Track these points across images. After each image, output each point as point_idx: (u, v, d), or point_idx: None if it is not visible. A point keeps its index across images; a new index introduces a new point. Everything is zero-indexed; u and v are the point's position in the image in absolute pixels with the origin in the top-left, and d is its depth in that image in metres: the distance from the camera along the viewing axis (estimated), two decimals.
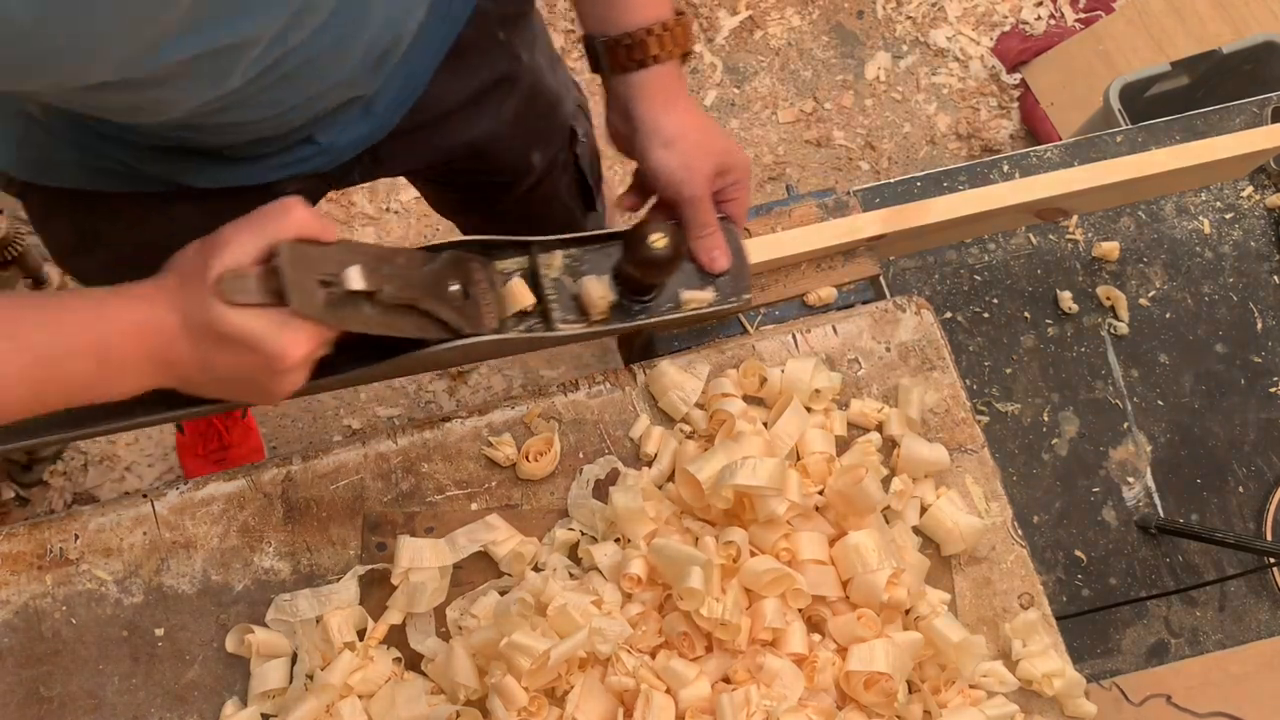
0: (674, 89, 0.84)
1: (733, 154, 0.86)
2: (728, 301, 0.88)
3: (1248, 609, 1.17)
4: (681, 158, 0.84)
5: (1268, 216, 1.29)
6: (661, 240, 0.80)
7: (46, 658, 0.81)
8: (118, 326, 0.65)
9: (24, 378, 0.62)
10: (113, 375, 0.66)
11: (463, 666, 0.79)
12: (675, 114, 0.84)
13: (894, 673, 0.79)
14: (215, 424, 1.76)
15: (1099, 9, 2.22)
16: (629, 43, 0.82)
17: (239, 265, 0.65)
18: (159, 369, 0.67)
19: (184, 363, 0.67)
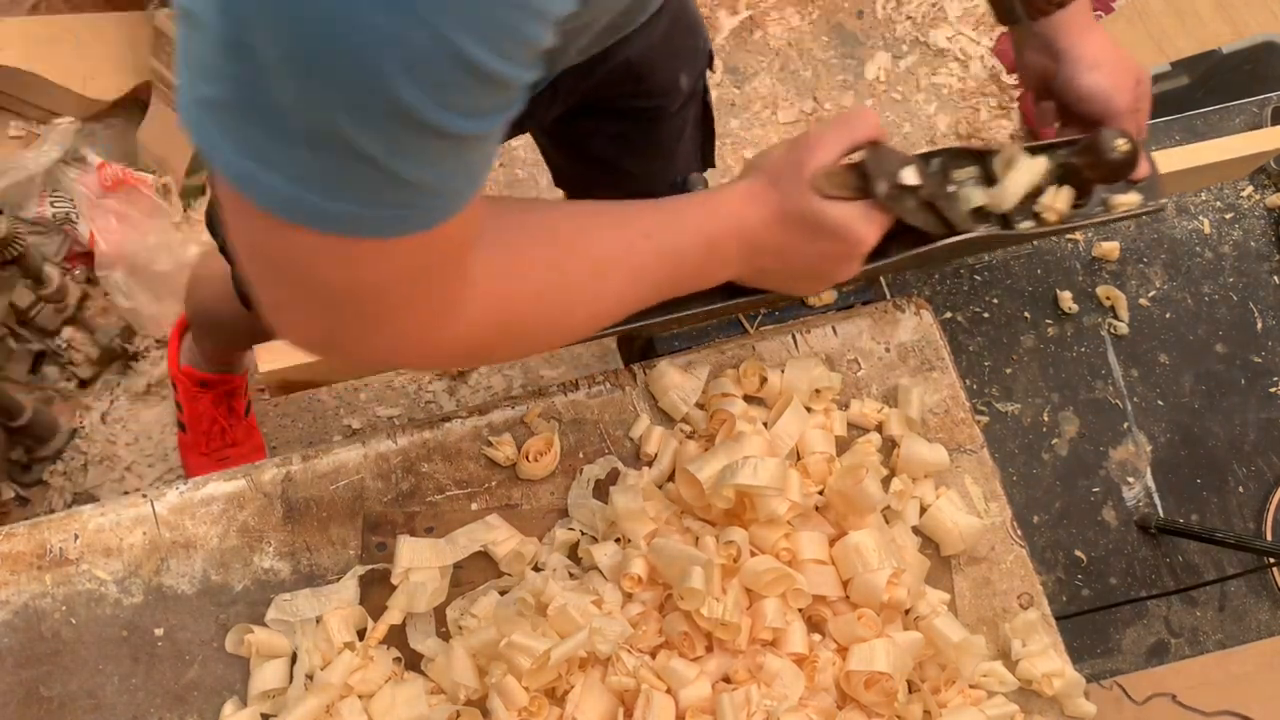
0: (1087, 19, 0.92)
1: (1143, 68, 0.93)
2: (1149, 205, 0.92)
3: (1248, 609, 1.17)
4: (1110, 77, 0.90)
5: (1268, 216, 1.28)
6: (1126, 144, 0.84)
7: (46, 658, 0.81)
8: (724, 221, 0.75)
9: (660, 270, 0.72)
10: (715, 264, 0.76)
11: (463, 666, 0.79)
12: (1094, 41, 0.91)
13: (894, 672, 0.79)
14: (219, 422, 1.77)
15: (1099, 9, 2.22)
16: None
17: (828, 163, 0.75)
18: (747, 258, 0.77)
19: (769, 251, 0.77)
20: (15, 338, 1.78)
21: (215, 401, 1.75)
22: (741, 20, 2.22)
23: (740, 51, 2.21)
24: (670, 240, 0.73)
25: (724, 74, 2.19)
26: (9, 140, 1.82)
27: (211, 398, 1.75)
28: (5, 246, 1.60)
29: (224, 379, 1.74)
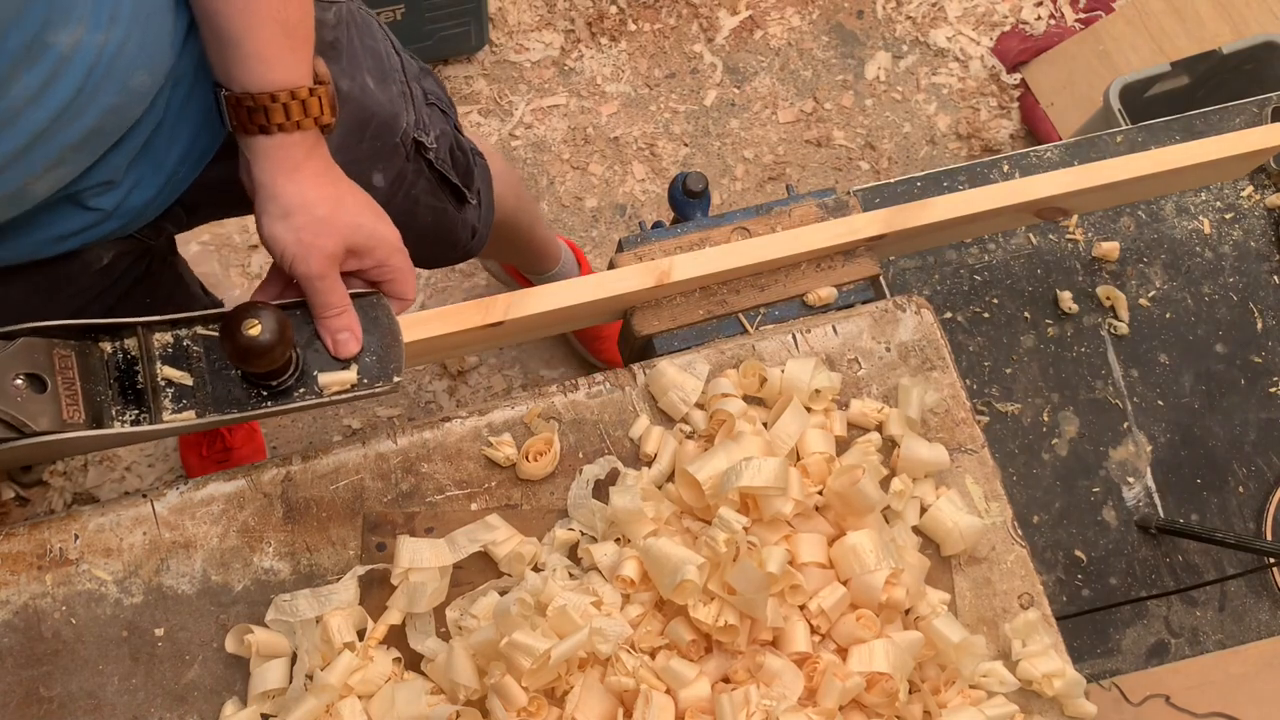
0: (301, 158, 0.77)
1: (372, 234, 0.80)
2: (373, 385, 0.81)
3: (1248, 609, 1.17)
4: (295, 233, 0.77)
5: (1268, 216, 1.28)
6: (255, 327, 0.71)
7: (46, 658, 0.81)
8: None
9: None
10: None
11: (463, 666, 0.79)
12: (298, 184, 0.77)
13: (895, 672, 0.79)
14: None
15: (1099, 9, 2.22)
16: (250, 104, 0.75)
17: None
18: None
19: None
20: None
21: None
22: (741, 20, 2.22)
23: (740, 51, 2.21)
24: None
25: (724, 74, 2.19)
26: None
27: None
28: None
29: None
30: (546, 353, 1.99)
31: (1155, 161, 1.03)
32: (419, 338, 0.88)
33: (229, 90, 0.76)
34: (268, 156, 0.76)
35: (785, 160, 2.15)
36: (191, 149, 0.85)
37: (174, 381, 0.77)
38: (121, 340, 0.77)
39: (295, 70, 0.75)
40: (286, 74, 0.75)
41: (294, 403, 0.79)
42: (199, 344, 0.78)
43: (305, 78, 0.76)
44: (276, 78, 0.75)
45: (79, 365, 0.73)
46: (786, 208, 1.02)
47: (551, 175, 2.13)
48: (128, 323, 0.76)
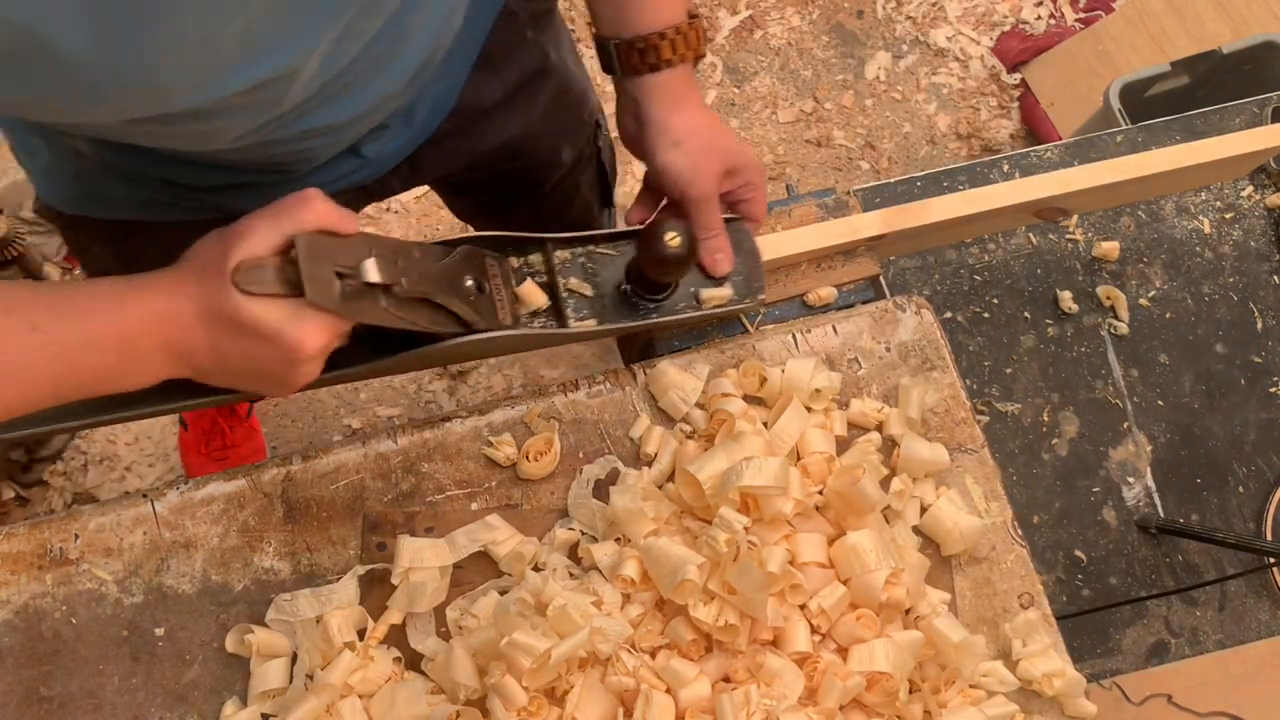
0: (685, 91, 0.85)
1: (743, 155, 0.87)
2: (742, 301, 0.89)
3: (1248, 609, 1.17)
4: (689, 158, 0.84)
5: (1268, 216, 1.29)
6: (676, 239, 0.79)
7: (46, 658, 0.81)
8: (136, 317, 0.64)
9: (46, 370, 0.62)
10: (131, 367, 0.65)
11: (463, 666, 0.79)
12: (685, 114, 0.84)
13: (895, 672, 0.79)
14: (219, 423, 1.77)
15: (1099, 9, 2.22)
16: (642, 46, 0.83)
17: (257, 255, 0.65)
18: (175, 359, 0.66)
19: (199, 352, 0.66)
20: None
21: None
22: (741, 20, 2.22)
23: (740, 51, 2.21)
24: (66, 336, 0.62)
25: (724, 74, 2.19)
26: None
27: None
28: (5, 246, 1.61)
29: None
30: (547, 352, 1.99)
31: (1155, 161, 1.03)
32: None
33: (619, 39, 0.83)
34: (656, 93, 0.84)
35: (785, 160, 2.15)
36: (437, 101, 0.90)
37: (575, 292, 0.85)
38: (526, 255, 0.84)
39: (677, 8, 0.83)
40: (671, 13, 0.83)
41: (677, 315, 0.86)
42: (594, 261, 0.86)
43: (683, 14, 0.84)
44: (663, 17, 0.83)
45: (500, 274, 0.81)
46: (786, 208, 1.02)
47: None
48: (539, 238, 0.84)
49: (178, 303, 0.65)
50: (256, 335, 0.65)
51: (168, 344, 0.66)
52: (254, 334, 0.65)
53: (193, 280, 0.66)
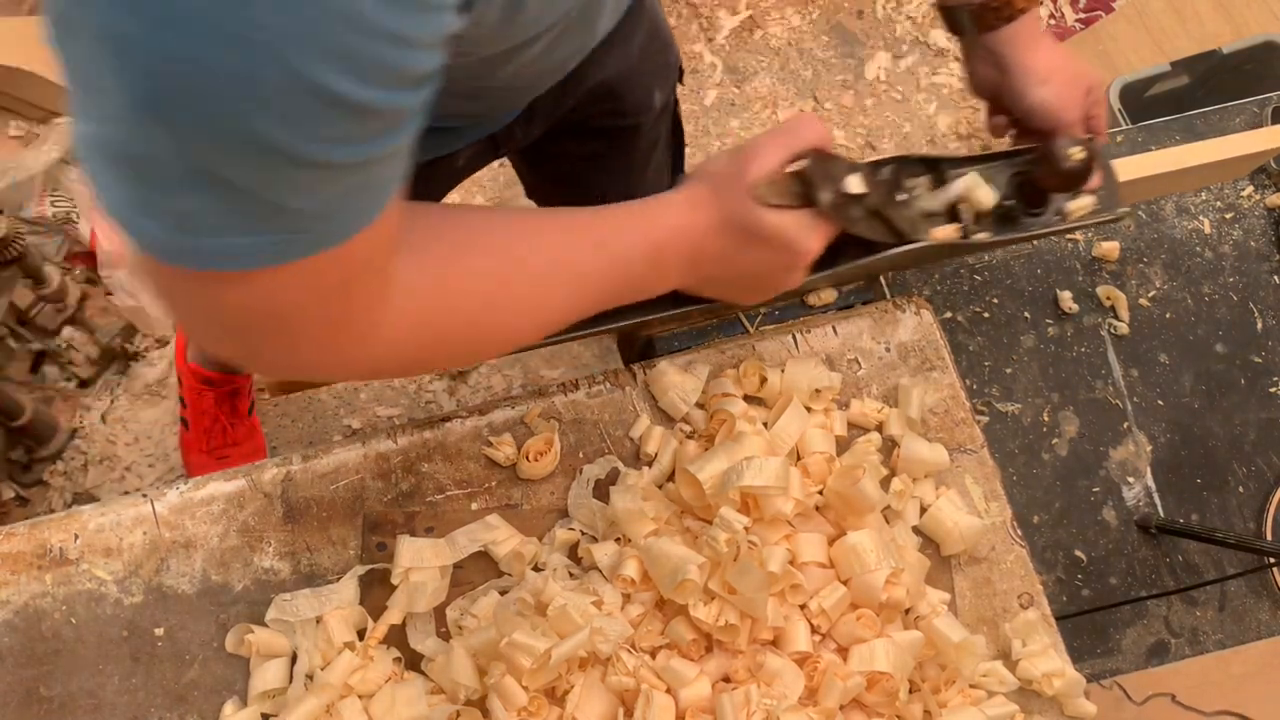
0: (1037, 31, 0.90)
1: (1093, 75, 0.93)
2: (1105, 213, 0.92)
3: (1248, 609, 1.17)
4: (1058, 90, 0.90)
5: (1268, 216, 1.28)
6: (1080, 152, 0.83)
7: (46, 658, 0.81)
8: (666, 230, 0.73)
9: (605, 279, 0.71)
10: (657, 275, 0.75)
11: (463, 666, 0.79)
12: (1043, 53, 0.90)
13: (895, 672, 0.79)
14: (220, 420, 1.77)
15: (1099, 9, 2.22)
16: (996, 4, 0.88)
17: (770, 171, 0.73)
18: (689, 267, 0.75)
19: (710, 260, 0.75)
20: (15, 338, 1.78)
21: (218, 400, 1.75)
22: (741, 20, 2.22)
23: (740, 51, 2.21)
24: (616, 249, 0.71)
25: (724, 74, 2.19)
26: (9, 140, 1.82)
27: (214, 396, 1.75)
28: (5, 246, 1.60)
29: (227, 378, 1.74)
30: (547, 352, 1.99)
31: (1155, 162, 1.03)
32: None
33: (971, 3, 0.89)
34: (1015, 41, 0.89)
35: None
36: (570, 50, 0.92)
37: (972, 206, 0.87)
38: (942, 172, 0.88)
39: None
40: None
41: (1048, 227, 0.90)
42: None
43: None
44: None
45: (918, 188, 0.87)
46: None
47: None
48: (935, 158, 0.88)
49: (697, 216, 0.74)
50: (770, 242, 0.74)
51: (687, 253, 0.74)
52: (767, 241, 0.74)
53: (709, 195, 0.74)
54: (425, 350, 0.63)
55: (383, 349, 0.59)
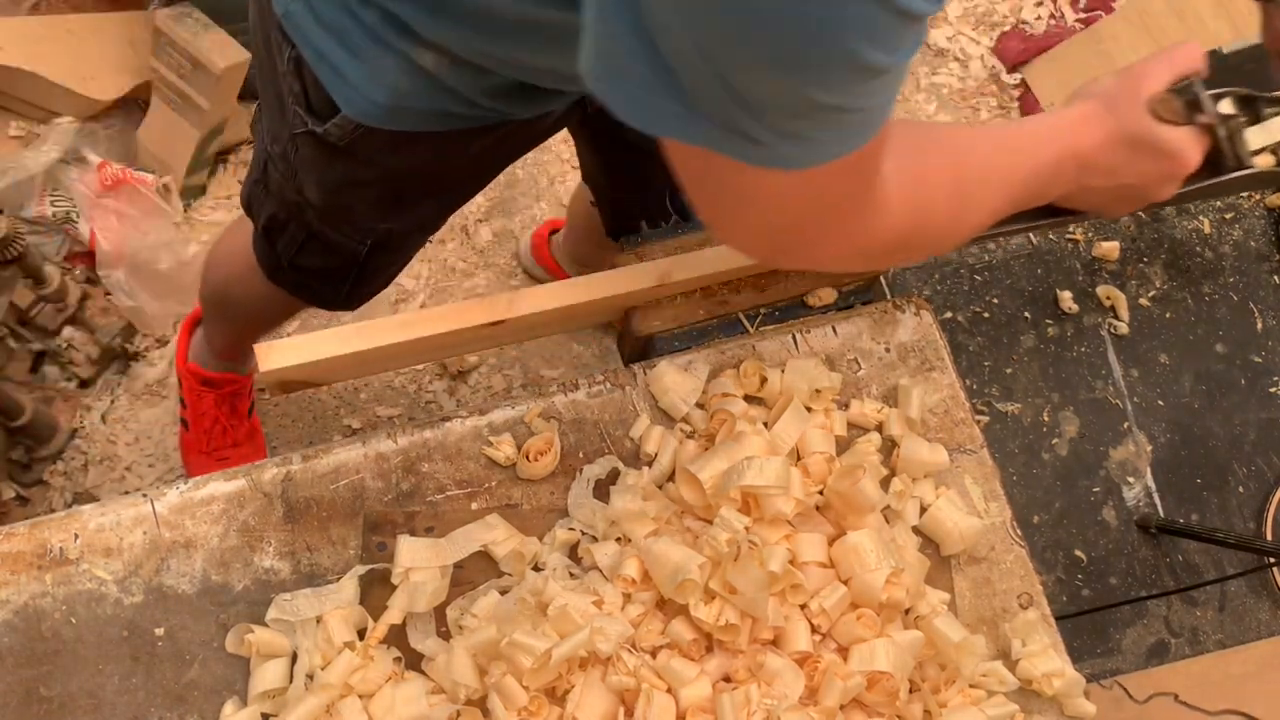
0: None
1: None
2: None
3: (1248, 609, 1.17)
4: None
5: (1268, 216, 1.29)
6: None
7: (46, 658, 0.81)
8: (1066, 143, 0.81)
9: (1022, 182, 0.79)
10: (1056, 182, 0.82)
11: (463, 666, 0.79)
12: None
13: (895, 672, 0.79)
14: (221, 421, 1.77)
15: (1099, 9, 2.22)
16: None
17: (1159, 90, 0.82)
18: (1077, 177, 0.83)
19: (1100, 170, 0.83)
20: (15, 338, 1.78)
21: (218, 401, 1.75)
22: None
23: None
24: (1032, 158, 0.79)
25: None
26: (9, 140, 1.82)
27: (215, 397, 1.75)
28: (5, 246, 1.60)
29: (229, 379, 1.74)
30: (547, 352, 1.99)
31: None
32: (419, 337, 0.89)
33: None
34: None
35: None
36: None
37: None
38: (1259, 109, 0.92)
39: None
40: None
41: None
42: None
43: None
44: None
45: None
46: None
47: (552, 175, 2.13)
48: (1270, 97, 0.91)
49: (1093, 130, 0.82)
50: (1159, 154, 0.82)
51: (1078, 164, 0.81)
52: (1157, 153, 0.82)
53: (1103, 111, 0.82)
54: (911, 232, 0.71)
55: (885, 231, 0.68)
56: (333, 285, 1.25)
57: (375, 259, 1.19)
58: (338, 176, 1.05)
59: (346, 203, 1.09)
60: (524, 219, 2.09)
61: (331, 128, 0.97)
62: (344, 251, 1.16)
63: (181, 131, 1.88)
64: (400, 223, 1.13)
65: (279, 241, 1.20)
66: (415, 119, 0.93)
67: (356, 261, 1.18)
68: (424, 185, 1.06)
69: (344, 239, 1.14)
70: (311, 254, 1.19)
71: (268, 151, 1.11)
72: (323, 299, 1.29)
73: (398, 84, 0.90)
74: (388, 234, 1.14)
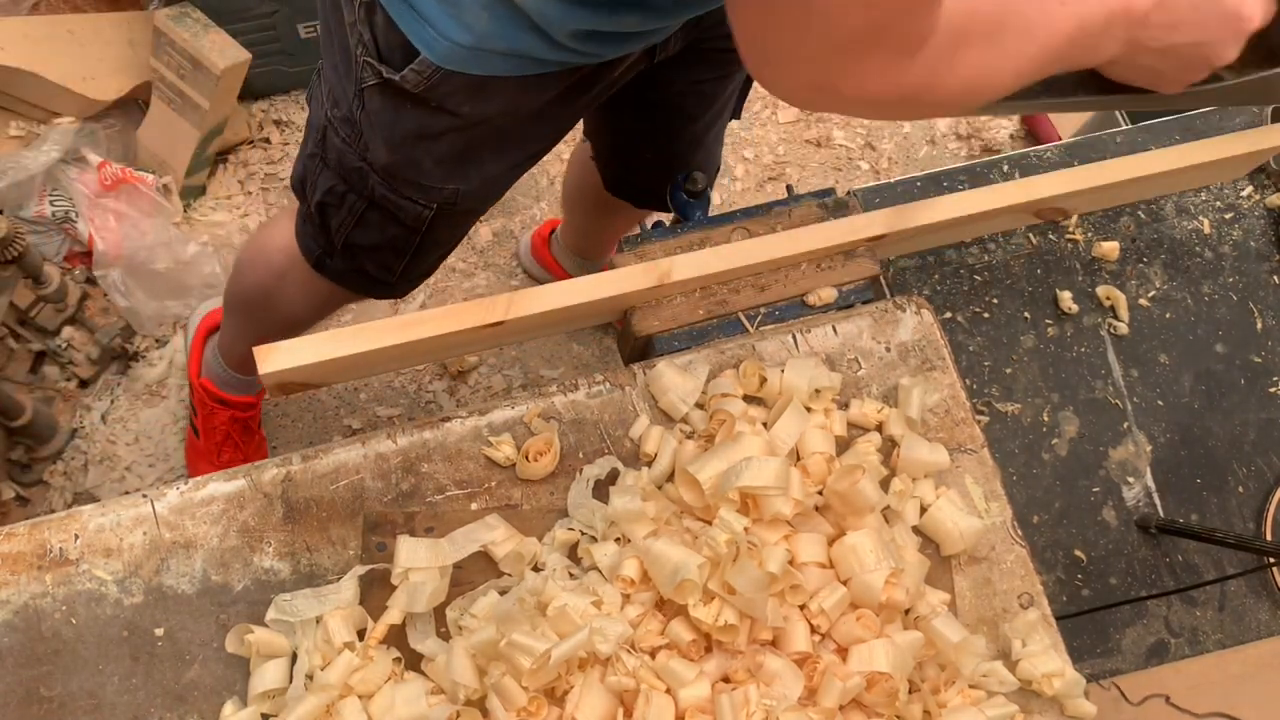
0: None
1: None
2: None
3: (1247, 609, 1.17)
4: None
5: (1268, 216, 1.29)
6: None
7: (46, 658, 0.81)
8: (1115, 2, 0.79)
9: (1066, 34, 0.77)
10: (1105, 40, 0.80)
11: (463, 666, 0.79)
12: None
13: (895, 672, 0.79)
14: (233, 438, 1.76)
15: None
16: None
17: None
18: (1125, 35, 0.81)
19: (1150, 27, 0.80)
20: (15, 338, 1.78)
21: (231, 420, 1.75)
22: None
23: None
24: (1079, 9, 0.77)
25: None
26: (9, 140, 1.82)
27: (228, 416, 1.75)
28: (5, 246, 1.60)
29: (244, 402, 1.74)
30: (547, 352, 1.99)
31: (1155, 161, 1.03)
32: (419, 338, 0.89)
33: None
34: None
35: (785, 160, 2.15)
36: None
37: None
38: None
39: None
40: None
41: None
42: None
43: None
44: None
45: None
46: (786, 208, 1.02)
47: (552, 175, 2.13)
48: None
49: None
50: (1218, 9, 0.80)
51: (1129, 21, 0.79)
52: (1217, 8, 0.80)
53: None
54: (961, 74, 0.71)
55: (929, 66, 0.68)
56: (387, 265, 1.23)
57: (436, 230, 1.17)
58: (408, 129, 1.04)
59: (415, 158, 1.07)
60: (524, 219, 2.09)
61: (409, 73, 0.96)
62: (407, 218, 1.14)
63: (181, 131, 1.89)
64: (467, 182, 1.12)
65: (334, 218, 1.18)
66: (496, 62, 0.93)
67: (419, 230, 1.16)
68: (494, 139, 1.06)
69: (409, 202, 1.12)
70: (369, 227, 1.17)
71: (328, 118, 1.10)
72: (372, 283, 1.27)
73: (482, 24, 0.90)
74: (454, 196, 1.12)
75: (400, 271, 1.24)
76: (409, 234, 1.16)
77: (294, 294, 1.35)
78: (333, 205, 1.17)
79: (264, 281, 1.40)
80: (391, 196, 1.12)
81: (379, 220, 1.15)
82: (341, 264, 1.24)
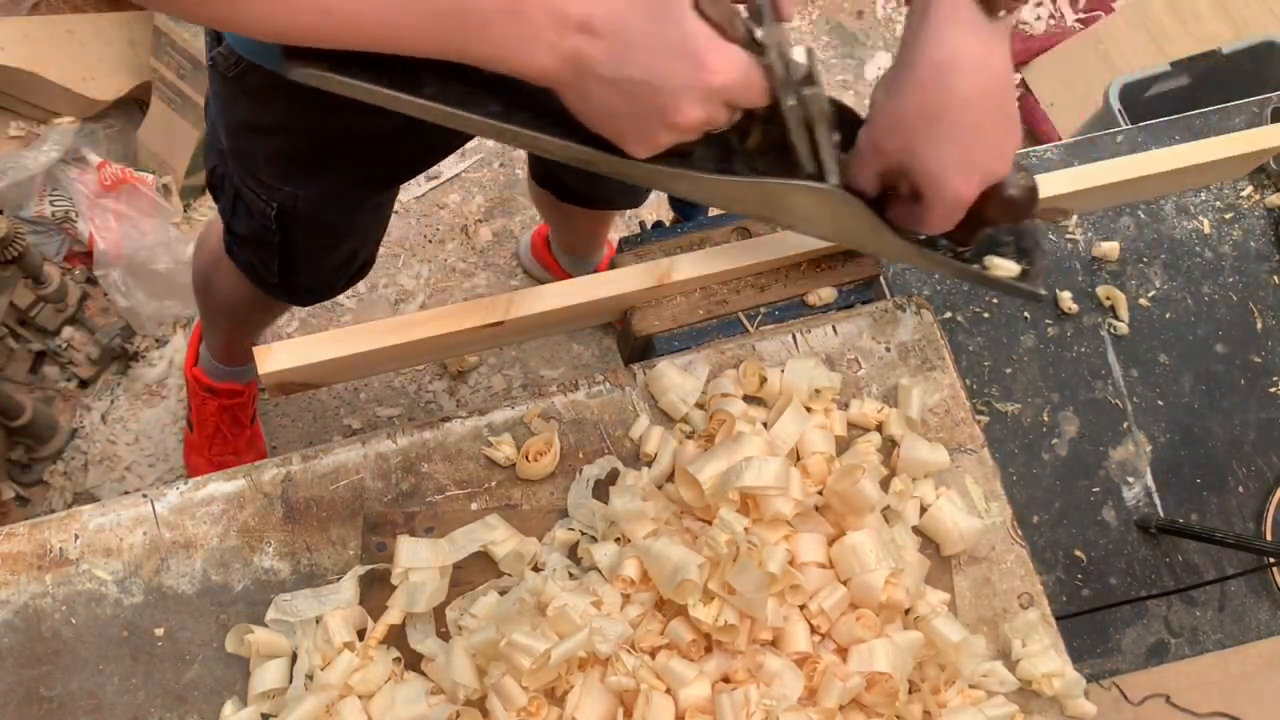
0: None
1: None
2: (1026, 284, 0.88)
3: (1247, 609, 1.17)
4: None
5: (1268, 216, 1.29)
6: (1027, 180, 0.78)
7: (46, 658, 0.81)
8: None
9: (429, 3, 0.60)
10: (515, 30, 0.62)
11: (463, 666, 0.79)
12: None
13: (895, 672, 0.79)
14: (222, 429, 1.77)
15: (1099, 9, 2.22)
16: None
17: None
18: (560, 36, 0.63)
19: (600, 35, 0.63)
20: (15, 338, 1.78)
21: (220, 410, 1.76)
22: None
23: None
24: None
25: None
26: (9, 140, 1.82)
27: (217, 405, 1.75)
28: (5, 246, 1.61)
29: (230, 389, 1.74)
30: (547, 352, 1.99)
31: (1155, 161, 1.03)
32: (419, 338, 0.89)
33: None
34: None
35: None
36: None
37: None
38: None
39: None
40: None
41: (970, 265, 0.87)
42: None
43: None
44: None
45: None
46: None
47: None
48: None
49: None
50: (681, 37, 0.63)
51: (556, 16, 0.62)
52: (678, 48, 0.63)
53: None
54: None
55: None
56: (264, 261, 1.17)
57: (291, 231, 1.10)
58: (240, 116, 0.97)
59: (250, 149, 1.01)
60: (524, 219, 2.09)
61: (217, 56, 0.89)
62: (257, 212, 1.08)
63: (181, 131, 1.89)
64: (305, 189, 1.04)
65: (221, 200, 1.14)
66: None
67: (270, 228, 1.09)
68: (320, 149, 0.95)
69: (253, 195, 1.06)
70: (240, 215, 1.13)
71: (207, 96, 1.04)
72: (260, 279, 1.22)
73: None
74: (292, 200, 1.05)
75: (278, 272, 1.17)
76: (266, 230, 1.10)
77: (223, 282, 1.33)
78: (218, 186, 1.13)
79: (204, 267, 1.41)
80: (242, 187, 1.07)
81: (245, 210, 1.11)
82: (239, 253, 1.20)
